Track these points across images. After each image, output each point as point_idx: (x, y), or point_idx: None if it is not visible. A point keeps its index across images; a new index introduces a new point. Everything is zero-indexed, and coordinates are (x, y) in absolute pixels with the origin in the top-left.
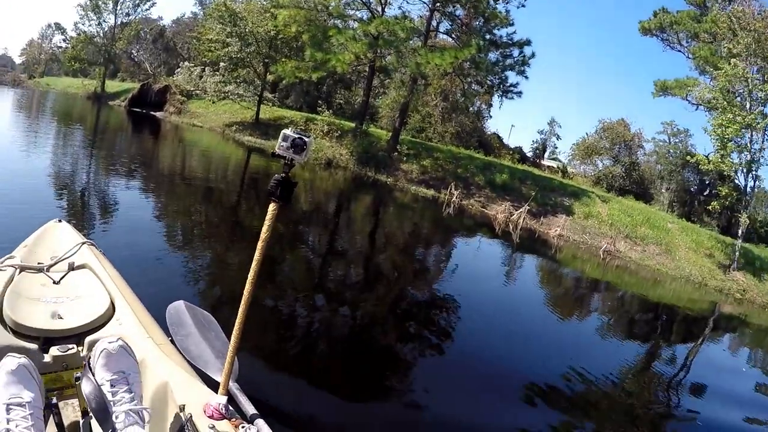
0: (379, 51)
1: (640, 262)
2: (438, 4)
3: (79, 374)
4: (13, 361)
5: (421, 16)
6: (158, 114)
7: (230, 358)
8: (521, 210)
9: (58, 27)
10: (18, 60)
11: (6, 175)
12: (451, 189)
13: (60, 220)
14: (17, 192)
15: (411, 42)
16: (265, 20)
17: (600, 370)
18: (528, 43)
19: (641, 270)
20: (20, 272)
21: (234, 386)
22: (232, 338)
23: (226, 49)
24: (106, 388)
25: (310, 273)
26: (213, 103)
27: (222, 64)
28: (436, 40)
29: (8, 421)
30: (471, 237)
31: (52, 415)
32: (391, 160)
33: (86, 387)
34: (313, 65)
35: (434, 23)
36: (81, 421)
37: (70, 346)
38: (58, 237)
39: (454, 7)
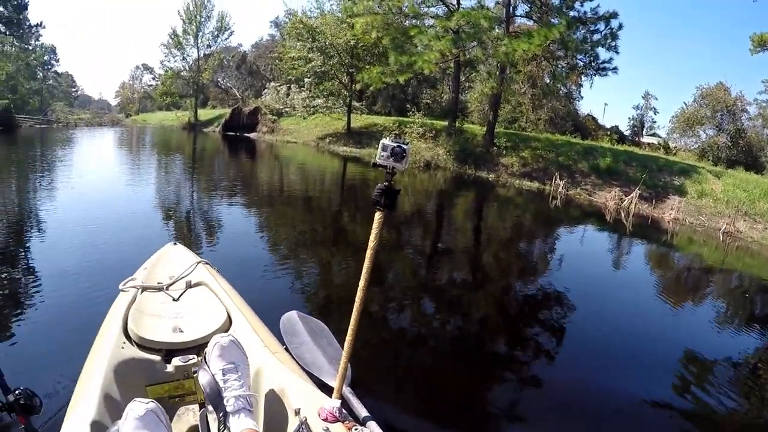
0: (462, 45)
1: (763, 241)
2: None
3: (196, 368)
4: (140, 406)
5: (498, 2)
6: (252, 135)
7: (344, 363)
8: (632, 195)
9: (146, 67)
10: (113, 102)
11: (120, 204)
12: (555, 179)
13: (175, 243)
14: (132, 219)
15: (493, 31)
16: (343, 31)
17: (721, 352)
18: (615, 15)
19: (764, 250)
20: (142, 292)
21: (347, 390)
22: (345, 344)
23: (310, 65)
24: (218, 377)
25: (416, 276)
26: (303, 118)
27: (307, 79)
28: (515, 26)
29: None
30: (581, 228)
31: None
32: (489, 155)
33: (203, 377)
34: (398, 68)
35: (510, 8)
36: (198, 413)
37: (191, 356)
38: (175, 258)
39: None
